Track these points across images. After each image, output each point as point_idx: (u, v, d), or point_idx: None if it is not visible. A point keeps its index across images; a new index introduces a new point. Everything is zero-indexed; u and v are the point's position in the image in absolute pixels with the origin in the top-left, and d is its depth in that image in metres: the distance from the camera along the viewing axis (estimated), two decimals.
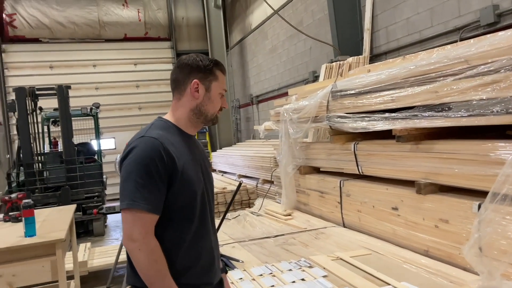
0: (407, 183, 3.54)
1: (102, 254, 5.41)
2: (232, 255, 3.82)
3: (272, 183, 6.70)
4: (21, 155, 7.58)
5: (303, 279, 3.08)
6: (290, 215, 5.34)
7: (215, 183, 2.95)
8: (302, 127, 4.99)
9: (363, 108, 3.94)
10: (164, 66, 13.74)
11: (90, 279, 4.92)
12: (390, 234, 3.70)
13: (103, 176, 8.29)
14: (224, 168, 9.78)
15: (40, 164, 7.78)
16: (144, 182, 1.54)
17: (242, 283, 3.14)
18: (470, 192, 2.95)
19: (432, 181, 3.23)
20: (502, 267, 2.36)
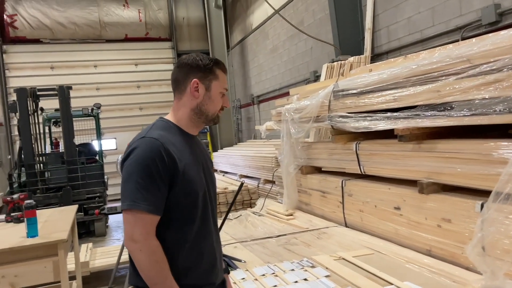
0: (409, 183, 3.54)
1: (104, 254, 5.42)
2: (234, 255, 3.82)
3: (273, 183, 6.69)
4: (22, 156, 7.58)
5: (306, 279, 3.08)
6: (292, 215, 5.34)
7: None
8: (303, 127, 4.98)
9: (365, 107, 3.93)
10: (165, 67, 13.72)
11: (92, 280, 4.93)
12: (393, 233, 3.70)
13: (105, 177, 8.29)
14: (225, 168, 9.77)
15: (41, 165, 7.80)
16: (144, 183, 1.54)
17: (244, 283, 3.14)
18: (472, 192, 2.94)
19: (434, 180, 3.23)
20: (505, 266, 2.35)
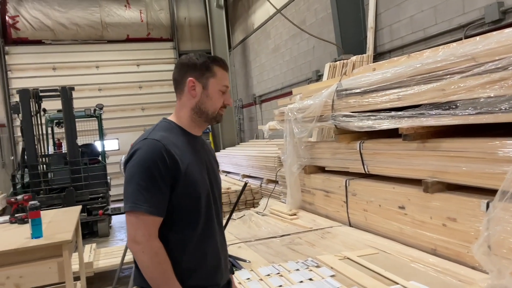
0: (414, 182, 3.52)
1: (107, 255, 5.43)
2: (238, 255, 3.81)
3: (276, 183, 6.68)
4: (25, 157, 7.61)
5: (311, 279, 3.07)
6: (295, 214, 5.33)
7: None
8: (307, 127, 4.97)
9: (368, 106, 3.92)
10: (166, 67, 13.73)
11: (96, 280, 4.94)
12: (397, 233, 3.68)
13: (107, 177, 8.30)
14: (228, 168, 9.76)
15: (44, 166, 7.81)
16: (146, 184, 1.54)
17: (249, 283, 3.13)
18: (478, 190, 2.93)
19: (439, 179, 3.21)
20: None
